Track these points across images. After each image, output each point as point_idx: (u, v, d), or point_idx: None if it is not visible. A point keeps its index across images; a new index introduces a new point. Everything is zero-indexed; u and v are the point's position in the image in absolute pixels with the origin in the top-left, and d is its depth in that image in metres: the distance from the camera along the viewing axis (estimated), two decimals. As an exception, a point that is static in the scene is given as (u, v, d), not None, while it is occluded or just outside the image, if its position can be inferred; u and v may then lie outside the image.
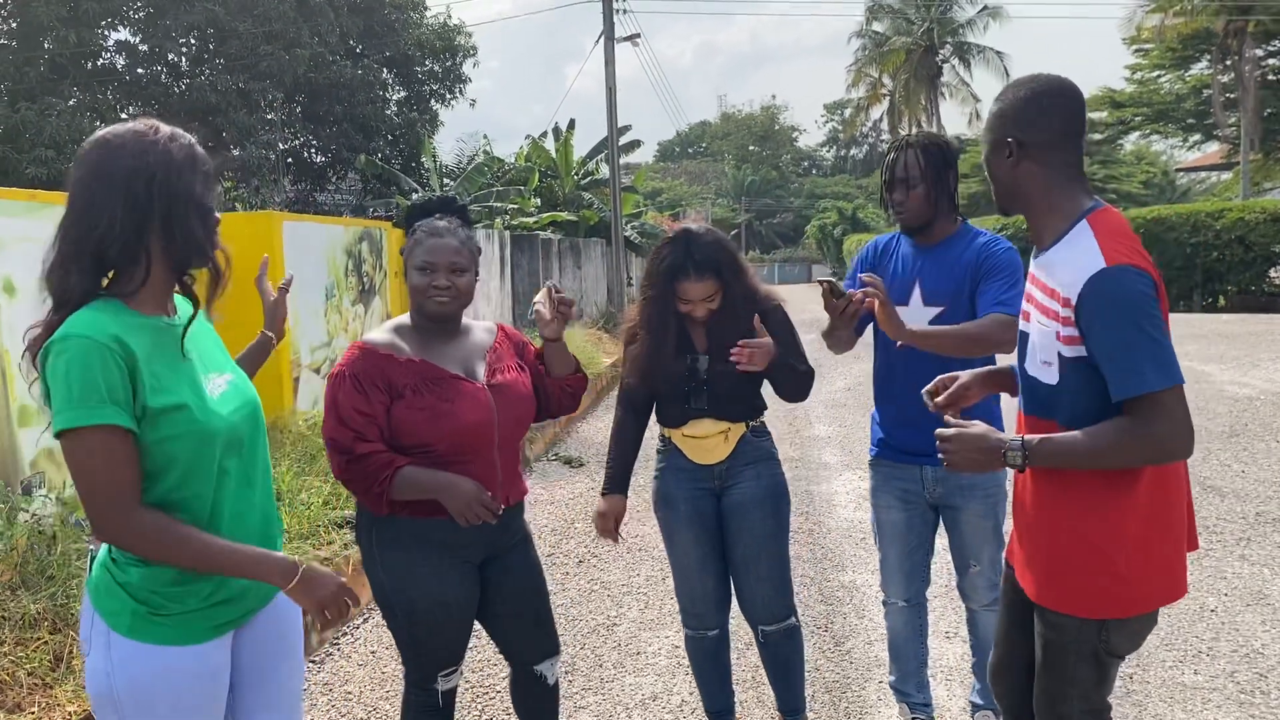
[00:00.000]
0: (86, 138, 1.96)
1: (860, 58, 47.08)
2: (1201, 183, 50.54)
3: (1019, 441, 2.03)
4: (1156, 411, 1.91)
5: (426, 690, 2.66)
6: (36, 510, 4.33)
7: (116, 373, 1.78)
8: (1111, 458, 1.98)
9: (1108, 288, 1.94)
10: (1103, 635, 2.11)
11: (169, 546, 1.83)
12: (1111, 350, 1.94)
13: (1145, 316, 1.92)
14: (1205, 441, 8.14)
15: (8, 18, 17.93)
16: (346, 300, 8.15)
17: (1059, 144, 2.12)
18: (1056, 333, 2.05)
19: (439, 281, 2.54)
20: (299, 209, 20.89)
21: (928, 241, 3.12)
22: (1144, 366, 1.90)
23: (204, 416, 1.89)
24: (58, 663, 3.46)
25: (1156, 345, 1.92)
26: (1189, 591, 4.64)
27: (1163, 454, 1.97)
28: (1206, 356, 13.33)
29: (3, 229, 4.48)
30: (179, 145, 1.91)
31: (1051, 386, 2.10)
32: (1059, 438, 2.01)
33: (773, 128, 79.38)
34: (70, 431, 1.75)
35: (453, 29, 22.93)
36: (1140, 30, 32.05)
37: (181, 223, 1.88)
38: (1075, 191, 2.13)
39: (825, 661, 4.13)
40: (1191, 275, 23.00)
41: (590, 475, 7.90)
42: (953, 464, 2.12)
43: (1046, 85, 2.13)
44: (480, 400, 2.55)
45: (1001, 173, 2.18)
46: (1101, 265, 1.95)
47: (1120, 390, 1.93)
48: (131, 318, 1.86)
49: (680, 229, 3.04)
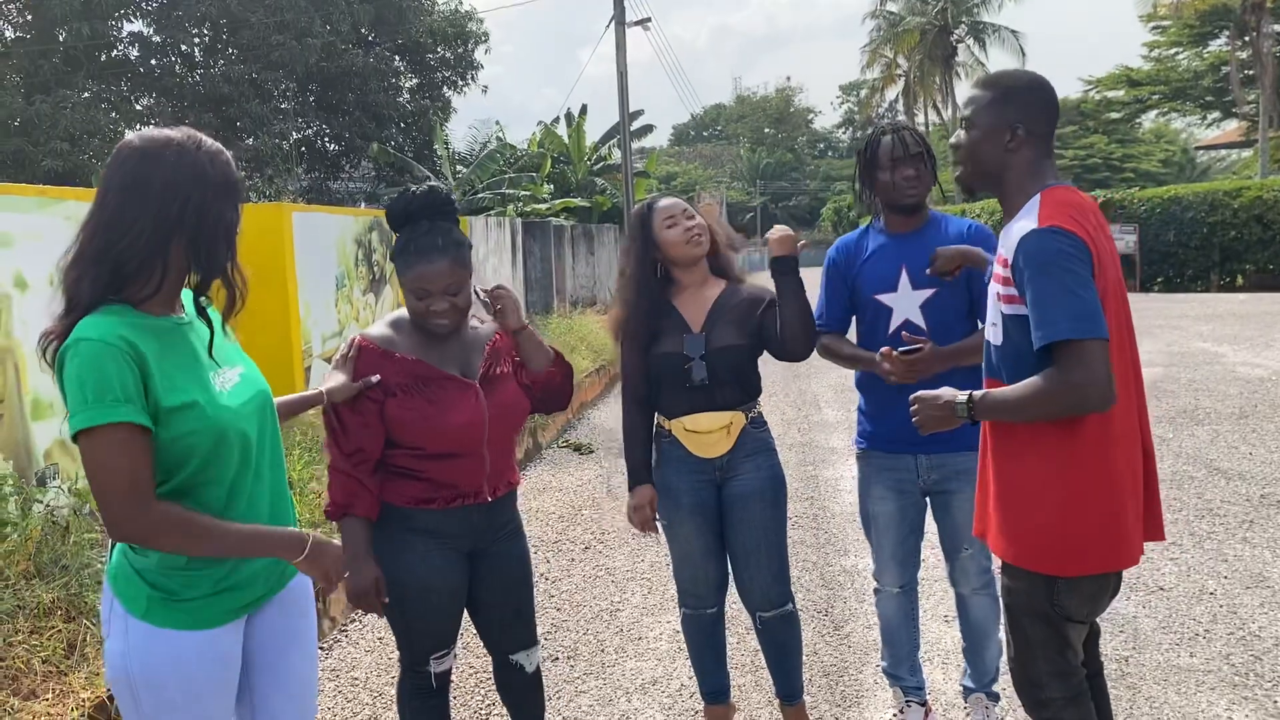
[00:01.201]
0: (101, 130, 2.00)
1: (875, 38, 46.80)
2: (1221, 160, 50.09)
3: (966, 395, 2.25)
4: (1073, 360, 2.06)
5: (419, 673, 2.73)
6: (50, 501, 4.43)
7: (129, 372, 1.82)
8: (1036, 407, 2.14)
9: (1033, 246, 2.12)
10: (1054, 597, 2.24)
11: (183, 538, 1.89)
12: (1033, 302, 2.11)
13: (1064, 271, 2.08)
14: (1213, 423, 8.13)
15: (22, 10, 18.07)
16: (357, 290, 8.23)
17: (1049, 134, 2.31)
18: (998, 293, 2.24)
19: (437, 306, 2.53)
20: (312, 197, 21.01)
21: (908, 227, 3.16)
22: (1058, 316, 2.06)
23: (214, 412, 1.94)
24: (71, 651, 3.54)
25: (1074, 297, 2.06)
26: (1189, 574, 4.69)
27: (1078, 403, 2.09)
28: (1220, 337, 13.26)
29: (13, 224, 4.57)
30: (218, 167, 1.94)
31: (997, 347, 2.29)
32: (996, 391, 2.22)
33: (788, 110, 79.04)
34: (86, 431, 1.79)
35: (464, 16, 22.97)
36: (1157, 7, 31.75)
37: (209, 246, 1.92)
38: (1047, 174, 2.30)
39: (824, 645, 4.18)
40: (1209, 254, 22.85)
41: (599, 462, 7.97)
42: (920, 423, 2.36)
43: (1040, 79, 2.32)
44: (470, 400, 2.58)
45: (993, 156, 2.30)
46: (1033, 227, 2.14)
47: (1038, 339, 2.10)
48: (140, 319, 1.90)
49: None
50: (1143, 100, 36.26)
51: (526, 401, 2.75)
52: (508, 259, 13.66)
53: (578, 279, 18.61)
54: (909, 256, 3.12)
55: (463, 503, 2.63)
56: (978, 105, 2.32)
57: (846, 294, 3.24)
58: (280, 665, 2.21)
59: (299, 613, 2.26)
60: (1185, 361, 11.37)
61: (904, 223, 3.17)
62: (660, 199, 3.20)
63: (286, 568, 2.20)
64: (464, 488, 2.62)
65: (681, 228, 3.09)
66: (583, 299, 18.48)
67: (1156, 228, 23.45)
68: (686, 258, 3.11)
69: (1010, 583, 2.31)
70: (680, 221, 3.10)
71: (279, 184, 18.84)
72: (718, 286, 3.17)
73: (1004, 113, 2.27)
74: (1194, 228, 22.86)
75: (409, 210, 2.57)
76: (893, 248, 3.16)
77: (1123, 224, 23.63)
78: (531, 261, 15.03)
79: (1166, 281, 23.50)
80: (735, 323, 3.10)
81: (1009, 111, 2.27)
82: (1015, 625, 2.33)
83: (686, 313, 3.13)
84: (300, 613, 2.26)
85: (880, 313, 3.16)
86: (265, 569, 2.12)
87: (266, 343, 6.77)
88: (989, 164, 2.31)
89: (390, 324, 2.66)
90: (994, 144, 2.29)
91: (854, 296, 3.23)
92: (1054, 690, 2.31)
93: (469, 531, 2.67)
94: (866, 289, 3.18)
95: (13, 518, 4.13)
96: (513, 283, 13.85)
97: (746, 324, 3.10)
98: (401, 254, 2.56)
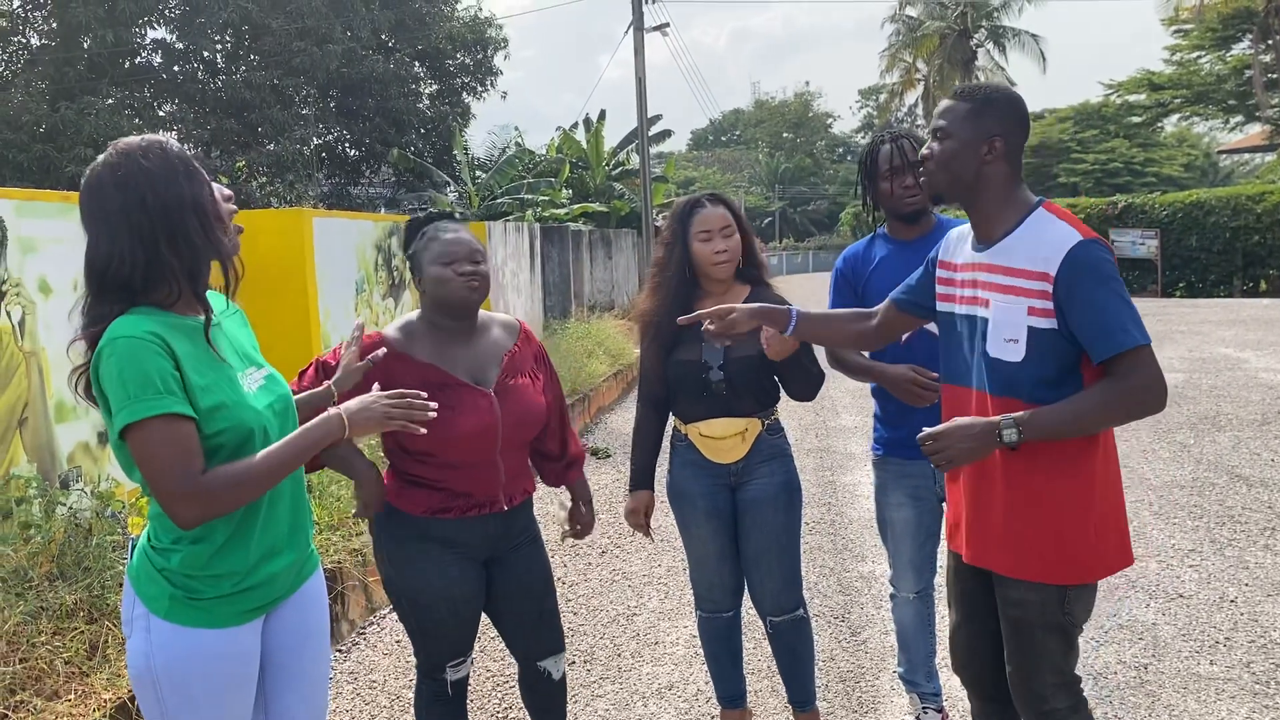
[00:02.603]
0: (125, 136, 2.03)
1: (894, 42, 46.63)
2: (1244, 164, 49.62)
3: (1011, 420, 2.15)
4: (1138, 367, 2.10)
5: (436, 680, 2.74)
6: (73, 503, 4.47)
7: (167, 364, 1.86)
8: (1098, 418, 2.16)
9: (1085, 258, 2.13)
10: (1065, 605, 2.25)
11: (240, 491, 1.91)
12: (1095, 314, 2.12)
13: (1119, 283, 2.14)
14: (1235, 429, 8.07)
15: (48, 18, 18.27)
16: (377, 294, 8.27)
17: (1022, 148, 2.33)
18: (1029, 307, 2.20)
19: (464, 268, 2.54)
20: (333, 203, 21.13)
21: (914, 234, 3.17)
22: (1127, 324, 2.10)
23: (242, 413, 1.98)
24: (93, 652, 3.58)
25: (1132, 308, 2.14)
26: (1210, 581, 4.66)
27: (1143, 407, 2.14)
28: (1243, 343, 13.15)
29: (37, 230, 4.62)
30: (153, 156, 1.94)
31: (1015, 364, 2.24)
32: (1047, 409, 2.17)
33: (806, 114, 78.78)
34: (133, 425, 1.82)
35: (483, 22, 23.05)
36: (1179, 10, 31.54)
37: (184, 232, 1.93)
38: (1024, 188, 2.33)
39: (841, 651, 4.17)
40: (1232, 259, 22.67)
41: (616, 466, 7.98)
42: (948, 460, 2.21)
43: (1016, 94, 2.35)
44: (483, 407, 2.58)
45: (969, 167, 2.30)
46: (1078, 239, 2.15)
47: (1106, 349, 2.11)
48: (168, 318, 1.94)
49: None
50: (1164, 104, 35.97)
51: (544, 409, 2.75)
52: (526, 264, 13.69)
53: (595, 283, 18.63)
54: (918, 263, 3.12)
55: (479, 512, 2.63)
56: (955, 115, 2.31)
57: (855, 304, 3.22)
58: (294, 665, 2.24)
59: (314, 614, 2.28)
60: (1207, 367, 11.28)
61: (910, 230, 3.17)
62: (704, 205, 3.12)
63: (304, 568, 2.23)
64: (479, 497, 2.63)
65: (712, 248, 3.06)
66: (600, 303, 18.50)
67: (1179, 232, 23.28)
68: (709, 275, 3.12)
69: (1019, 596, 2.29)
70: (714, 239, 3.06)
71: (300, 189, 18.95)
72: (742, 293, 3.15)
73: (983, 124, 2.27)
74: (1217, 232, 22.68)
75: (417, 224, 2.69)
76: (901, 255, 3.15)
77: (1144, 229, 23.48)
78: (549, 266, 15.06)
79: (1189, 287, 23.31)
80: (756, 331, 3.08)
81: (988, 123, 2.27)
82: (1024, 639, 2.31)
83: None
84: (315, 614, 2.29)
85: None
86: (285, 570, 2.14)
87: (287, 347, 6.80)
88: (964, 174, 2.31)
89: (401, 327, 2.65)
90: (971, 154, 2.28)
91: (864, 305, 3.21)
92: (1058, 701, 2.31)
93: (485, 540, 2.68)
94: (877, 298, 3.16)
95: (36, 520, 4.18)
96: (530, 287, 13.89)
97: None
98: (421, 240, 2.62)
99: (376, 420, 2.10)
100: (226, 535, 2.01)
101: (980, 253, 2.33)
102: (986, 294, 2.30)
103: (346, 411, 2.06)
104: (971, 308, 2.35)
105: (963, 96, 2.33)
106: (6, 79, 18.28)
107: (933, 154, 2.35)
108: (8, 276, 4.47)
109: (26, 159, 15.25)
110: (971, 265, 2.35)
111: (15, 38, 18.82)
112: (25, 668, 3.36)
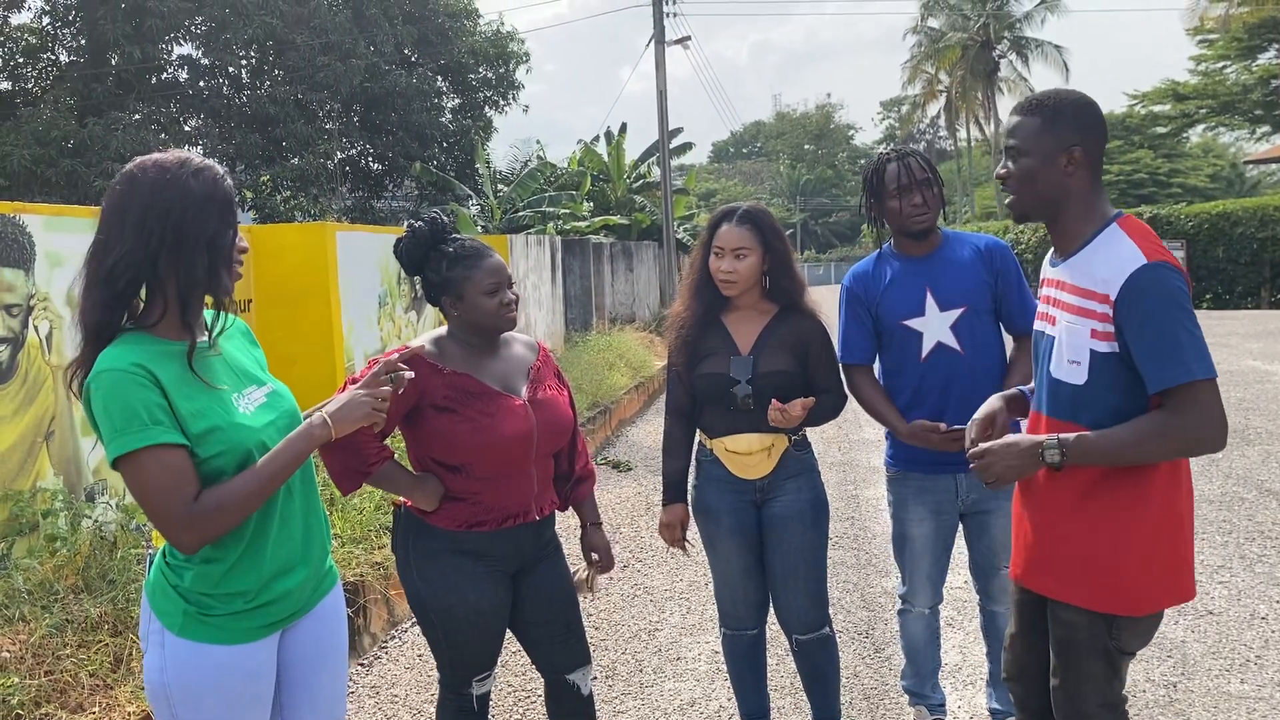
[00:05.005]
0: (151, 151, 2.05)
1: (916, 54, 46.60)
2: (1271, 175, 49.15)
3: (1055, 440, 2.09)
4: (1195, 402, 1.99)
5: (461, 695, 2.73)
6: (99, 516, 4.50)
7: (152, 394, 1.87)
8: (1147, 449, 2.04)
9: (1148, 283, 2.01)
10: (1113, 632, 2.18)
11: (228, 512, 1.90)
12: (1154, 342, 2.00)
13: (1184, 311, 2.00)
14: (1265, 443, 7.97)
15: (76, 35, 18.50)
16: (399, 307, 8.31)
17: (1101, 153, 2.21)
18: (1092, 329, 2.10)
19: (507, 298, 2.62)
20: (356, 216, 21.25)
21: (923, 250, 3.15)
22: (1187, 357, 1.98)
23: (236, 434, 1.97)
24: (118, 664, 3.60)
25: (1195, 339, 2.00)
26: (1239, 598, 4.59)
27: (1198, 445, 2.03)
28: (1271, 355, 12.99)
29: (65, 245, 4.67)
30: (202, 182, 1.95)
31: (1077, 387, 2.15)
32: (1094, 434, 2.07)
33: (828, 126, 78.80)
34: (124, 458, 1.84)
35: (505, 36, 23.14)
36: (1204, 20, 31.30)
37: (188, 259, 1.93)
38: (1104, 197, 2.21)
39: (864, 668, 4.14)
40: (1260, 271, 22.44)
41: (638, 480, 7.96)
42: (996, 477, 2.18)
43: (1086, 96, 2.20)
44: (520, 414, 2.60)
45: (1051, 181, 2.18)
46: (1142, 262, 2.03)
47: (1161, 380, 1.99)
48: (156, 345, 1.94)
49: None
50: (1190, 114, 35.75)
51: (571, 421, 2.80)
52: (547, 276, 13.73)
53: (617, 296, 18.65)
54: (932, 278, 3.10)
55: (513, 523, 2.64)
56: (1027, 132, 2.18)
57: (870, 322, 3.20)
58: (311, 681, 2.23)
59: (331, 630, 2.28)
60: (1235, 380, 11.16)
61: (918, 246, 3.15)
62: (728, 221, 3.07)
63: (322, 583, 2.22)
64: (514, 508, 2.64)
65: (717, 266, 3.06)
66: (622, 316, 18.52)
67: (1205, 244, 23.08)
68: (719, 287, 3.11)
69: (1068, 617, 2.23)
70: (724, 258, 3.04)
71: (323, 203, 19.08)
72: (769, 312, 3.13)
73: (1059, 136, 2.15)
74: (1244, 243, 22.47)
75: (419, 240, 2.66)
76: (913, 271, 3.13)
77: (1170, 240, 23.28)
78: (571, 279, 15.09)
79: (1215, 298, 23.09)
80: (788, 348, 3.06)
81: (1064, 133, 2.15)
82: (1070, 659, 2.25)
83: (736, 333, 3.11)
84: (333, 630, 2.29)
85: (910, 338, 3.13)
86: (300, 586, 2.14)
87: (310, 360, 6.85)
88: (1048, 192, 2.19)
89: (434, 341, 2.67)
90: (1052, 170, 2.17)
91: (878, 325, 3.19)
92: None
93: (516, 551, 2.69)
94: (892, 316, 3.14)
95: (62, 533, 4.22)
96: (552, 300, 13.92)
97: (798, 351, 3.07)
98: (456, 264, 2.60)
99: (361, 410, 2.07)
100: (238, 554, 2.01)
101: (1055, 267, 2.26)
102: (1056, 311, 2.22)
103: (328, 411, 2.05)
104: (1044, 324, 2.27)
105: (1031, 110, 2.20)
106: (35, 95, 18.51)
107: (1010, 174, 2.22)
108: (36, 291, 4.52)
109: (55, 174, 15.42)
110: (1048, 281, 2.28)
111: (44, 54, 19.06)
112: (51, 680, 3.38)
